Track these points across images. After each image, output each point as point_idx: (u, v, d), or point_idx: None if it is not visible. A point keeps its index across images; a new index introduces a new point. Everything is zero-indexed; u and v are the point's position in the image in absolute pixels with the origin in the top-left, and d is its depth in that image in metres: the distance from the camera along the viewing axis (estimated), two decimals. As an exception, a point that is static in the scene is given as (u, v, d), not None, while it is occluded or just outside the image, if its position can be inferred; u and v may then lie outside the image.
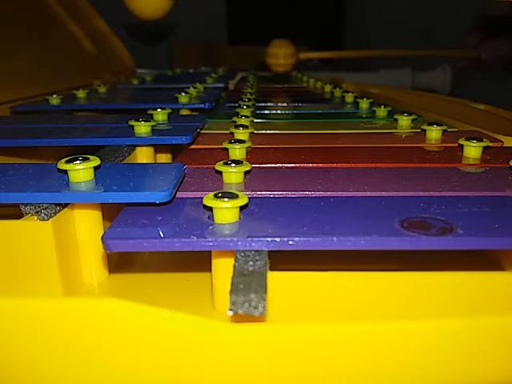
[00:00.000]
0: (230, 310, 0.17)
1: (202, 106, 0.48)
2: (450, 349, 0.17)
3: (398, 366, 0.17)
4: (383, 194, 0.25)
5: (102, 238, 0.20)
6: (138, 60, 0.98)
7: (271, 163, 0.31)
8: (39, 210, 0.22)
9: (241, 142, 0.32)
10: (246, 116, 0.42)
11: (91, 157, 0.24)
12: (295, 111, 0.52)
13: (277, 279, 0.19)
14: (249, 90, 0.65)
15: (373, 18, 1.82)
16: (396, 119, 0.42)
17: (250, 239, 0.20)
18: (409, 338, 0.16)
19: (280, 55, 0.87)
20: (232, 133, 0.37)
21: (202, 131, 0.40)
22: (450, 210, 0.23)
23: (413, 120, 0.42)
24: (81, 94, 0.54)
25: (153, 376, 0.17)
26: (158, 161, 0.38)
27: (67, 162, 0.24)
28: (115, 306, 0.16)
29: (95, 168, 0.24)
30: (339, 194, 0.25)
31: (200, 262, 0.24)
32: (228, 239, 0.20)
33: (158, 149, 0.37)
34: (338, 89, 0.63)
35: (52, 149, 0.42)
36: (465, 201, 0.24)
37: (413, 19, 1.55)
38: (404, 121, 0.41)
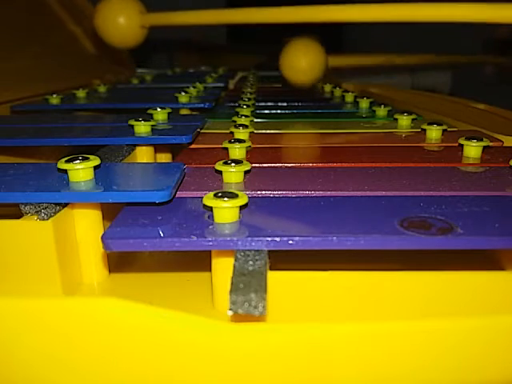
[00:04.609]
0: (230, 309, 0.17)
1: (202, 105, 0.48)
2: (449, 349, 0.17)
3: (398, 366, 0.17)
4: (383, 193, 0.25)
5: (101, 237, 0.20)
6: (138, 60, 0.98)
7: (271, 163, 0.31)
8: (39, 209, 0.22)
9: (241, 141, 0.32)
10: (246, 116, 0.42)
11: (91, 156, 0.24)
12: (295, 111, 0.52)
13: (277, 279, 0.19)
14: (249, 89, 0.65)
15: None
16: (396, 119, 0.42)
17: (249, 239, 0.20)
18: (409, 337, 0.16)
19: (303, 70, 0.57)
20: (232, 132, 0.37)
21: (201, 131, 0.40)
22: (450, 210, 0.23)
23: (413, 120, 0.42)
24: (81, 93, 0.54)
25: (153, 375, 0.17)
26: (158, 160, 0.38)
27: (67, 161, 0.24)
28: (115, 306, 0.16)
29: (95, 167, 0.24)
30: (339, 193, 0.25)
31: (200, 261, 0.24)
32: (228, 239, 0.20)
33: (158, 148, 0.37)
34: (337, 88, 0.63)
35: (52, 148, 0.42)
36: (465, 200, 0.24)
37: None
38: (404, 120, 0.41)
